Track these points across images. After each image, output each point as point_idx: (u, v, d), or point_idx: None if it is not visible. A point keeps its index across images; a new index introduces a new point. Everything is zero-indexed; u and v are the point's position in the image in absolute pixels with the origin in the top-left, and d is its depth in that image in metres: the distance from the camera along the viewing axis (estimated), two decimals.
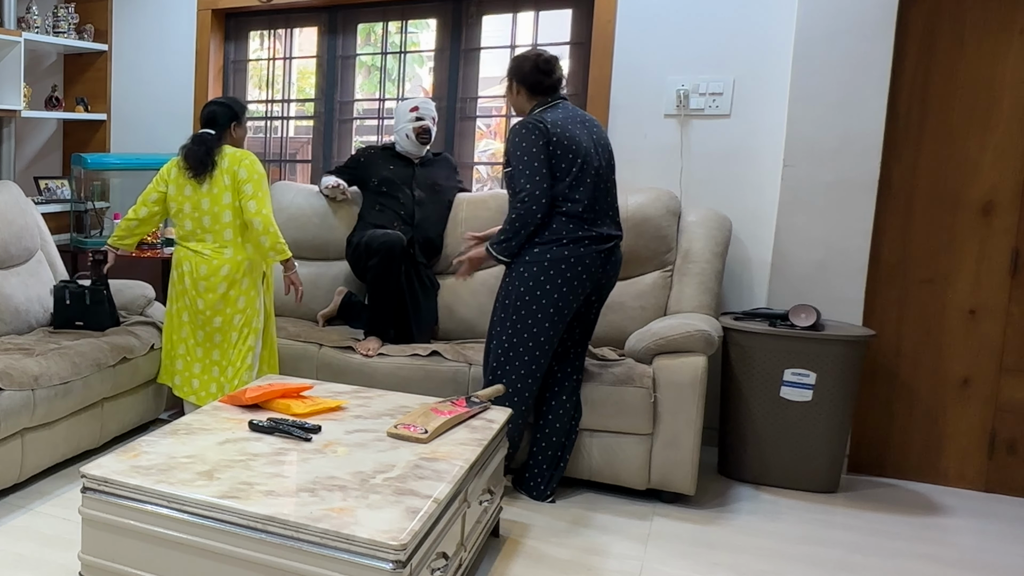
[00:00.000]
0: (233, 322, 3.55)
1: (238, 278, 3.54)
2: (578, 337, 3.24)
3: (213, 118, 3.66)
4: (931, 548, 2.99)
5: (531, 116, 3.14)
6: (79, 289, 3.87)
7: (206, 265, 3.54)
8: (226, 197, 3.52)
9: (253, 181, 3.50)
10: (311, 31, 4.86)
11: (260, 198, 3.48)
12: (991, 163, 3.43)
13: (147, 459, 2.32)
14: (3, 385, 3.05)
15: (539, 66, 3.17)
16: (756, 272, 3.82)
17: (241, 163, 3.52)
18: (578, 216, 3.07)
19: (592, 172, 3.10)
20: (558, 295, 3.07)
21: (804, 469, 3.42)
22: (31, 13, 4.75)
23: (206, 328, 3.58)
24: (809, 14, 3.52)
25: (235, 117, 3.68)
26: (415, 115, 3.96)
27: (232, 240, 3.55)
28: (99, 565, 2.24)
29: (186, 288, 3.60)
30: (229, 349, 3.56)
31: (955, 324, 3.51)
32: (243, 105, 3.81)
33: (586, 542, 2.96)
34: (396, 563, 1.90)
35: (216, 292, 3.53)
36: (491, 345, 3.21)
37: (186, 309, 3.63)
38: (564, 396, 3.22)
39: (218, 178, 3.52)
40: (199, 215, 3.57)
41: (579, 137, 3.11)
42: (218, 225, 3.54)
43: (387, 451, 2.44)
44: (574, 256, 3.06)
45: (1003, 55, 3.39)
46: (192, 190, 3.58)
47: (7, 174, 4.71)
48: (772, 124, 3.69)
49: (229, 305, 3.54)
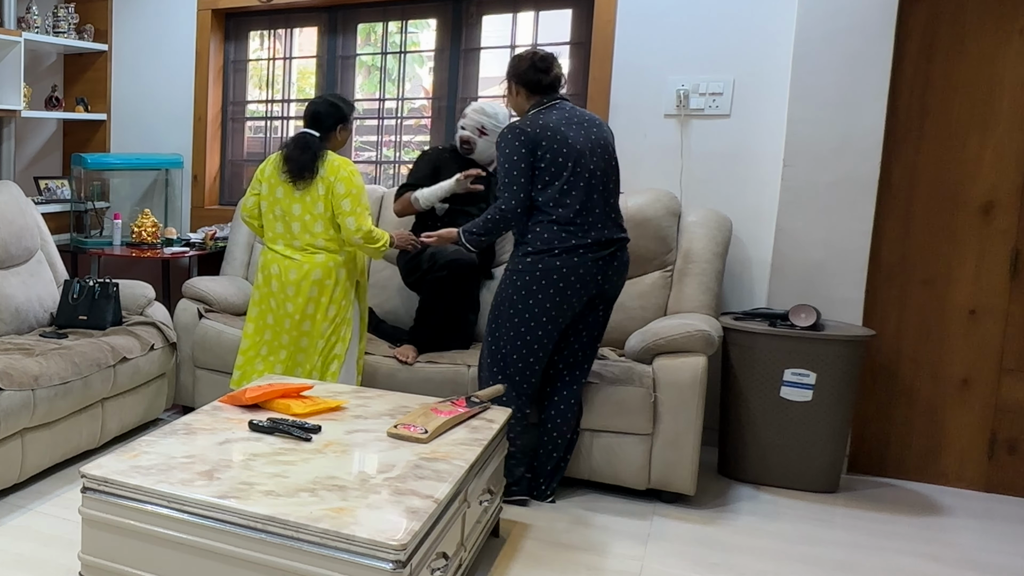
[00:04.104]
0: (321, 329, 3.41)
1: (329, 284, 3.39)
2: (586, 341, 3.19)
3: (318, 118, 3.46)
4: (931, 548, 2.99)
5: (519, 120, 3.12)
6: (90, 284, 3.89)
7: (296, 270, 3.40)
8: (319, 207, 3.37)
9: (351, 196, 3.32)
10: (311, 31, 4.86)
11: (359, 214, 3.32)
12: (991, 163, 3.43)
13: (147, 459, 2.32)
14: (3, 385, 3.05)
15: (535, 64, 3.12)
16: (756, 272, 3.82)
17: (339, 175, 3.34)
18: (570, 222, 3.02)
19: (585, 175, 3.04)
20: (550, 304, 3.03)
21: (804, 469, 3.42)
22: (31, 13, 4.75)
23: (292, 333, 3.43)
24: (809, 14, 3.52)
25: (343, 119, 3.48)
26: (460, 124, 3.82)
27: (324, 248, 3.40)
28: (99, 565, 2.23)
29: (272, 291, 3.46)
30: (315, 355, 3.43)
31: (955, 324, 3.51)
32: (351, 104, 3.59)
33: (586, 542, 2.95)
34: (396, 563, 1.90)
35: (306, 296, 3.39)
36: (484, 352, 3.20)
37: (271, 312, 3.48)
38: (569, 397, 3.21)
39: (314, 186, 3.36)
40: (290, 220, 3.43)
41: (572, 140, 3.05)
42: (308, 234, 3.40)
43: (387, 451, 2.44)
44: (567, 266, 3.01)
45: (1003, 55, 3.39)
46: (284, 193, 3.43)
47: (7, 174, 4.71)
48: (772, 124, 3.68)
49: (320, 311, 3.40)
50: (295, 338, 3.44)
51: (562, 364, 3.21)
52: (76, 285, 3.92)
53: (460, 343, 3.75)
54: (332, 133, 3.47)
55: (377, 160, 4.91)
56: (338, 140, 3.51)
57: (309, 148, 3.39)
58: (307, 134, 3.45)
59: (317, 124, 3.45)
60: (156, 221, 4.76)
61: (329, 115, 3.46)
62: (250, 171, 5.13)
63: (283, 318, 3.45)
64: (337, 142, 3.51)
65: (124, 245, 4.72)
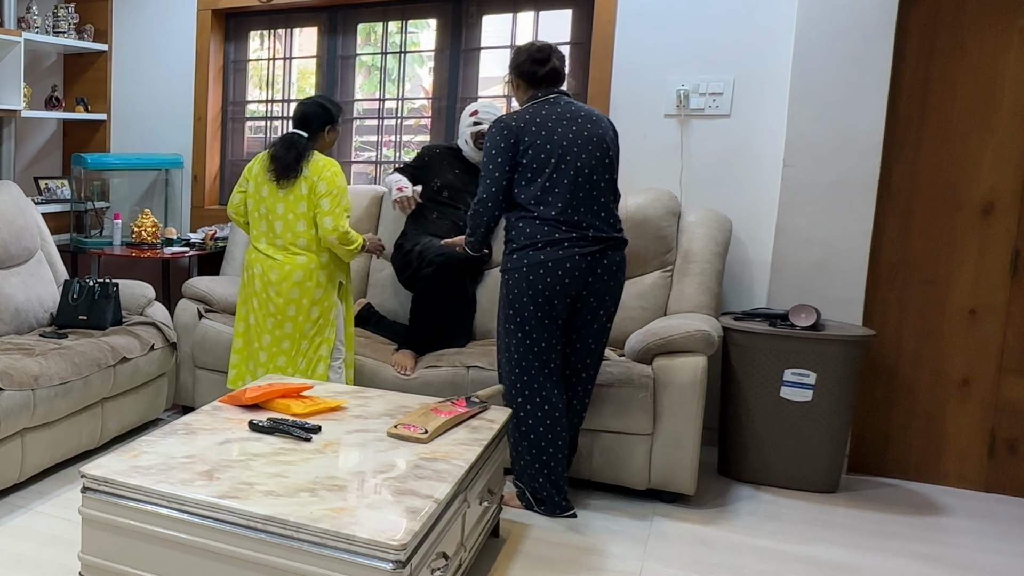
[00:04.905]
0: (304, 330, 3.41)
1: (310, 286, 3.40)
2: (593, 348, 3.11)
3: (306, 120, 3.48)
4: (931, 548, 2.99)
5: (508, 114, 3.12)
6: (90, 284, 3.89)
7: (277, 270, 3.42)
8: (301, 206, 3.39)
9: (331, 196, 3.35)
10: (311, 31, 4.86)
11: (337, 214, 3.34)
12: (991, 163, 3.43)
13: (147, 459, 2.32)
14: (3, 385, 3.05)
15: (532, 56, 3.08)
16: (756, 272, 3.82)
17: (321, 175, 3.37)
18: (553, 220, 2.97)
19: (570, 173, 2.97)
20: (542, 299, 2.98)
21: (804, 469, 3.42)
22: (31, 13, 4.75)
23: (274, 333, 3.45)
24: (809, 14, 3.52)
25: (330, 120, 3.50)
26: (473, 120, 3.82)
27: (306, 248, 3.42)
28: (99, 565, 2.24)
29: (256, 291, 3.48)
30: (299, 357, 3.43)
31: (955, 324, 3.51)
32: (339, 107, 3.61)
33: (586, 542, 2.95)
34: (396, 563, 1.90)
35: (287, 297, 3.40)
36: (501, 361, 3.13)
37: (253, 312, 3.51)
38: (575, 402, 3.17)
39: (297, 185, 3.39)
40: (272, 219, 3.45)
41: (559, 136, 2.99)
42: (290, 233, 3.42)
43: (387, 451, 2.44)
44: (552, 259, 2.96)
45: (1003, 55, 3.39)
46: (269, 192, 3.45)
47: (7, 174, 4.71)
48: (772, 124, 3.69)
49: (301, 313, 3.40)
50: (277, 339, 3.45)
51: (569, 371, 3.14)
52: (76, 285, 3.92)
53: (456, 341, 3.75)
54: (320, 134, 3.50)
55: (377, 160, 4.91)
56: (326, 141, 3.54)
57: (295, 147, 3.41)
58: (295, 134, 3.48)
59: (305, 125, 3.49)
60: (156, 221, 4.76)
61: (317, 116, 3.49)
62: None
63: (265, 317, 3.47)
64: (325, 143, 3.54)
65: (124, 245, 4.72)
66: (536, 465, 3.07)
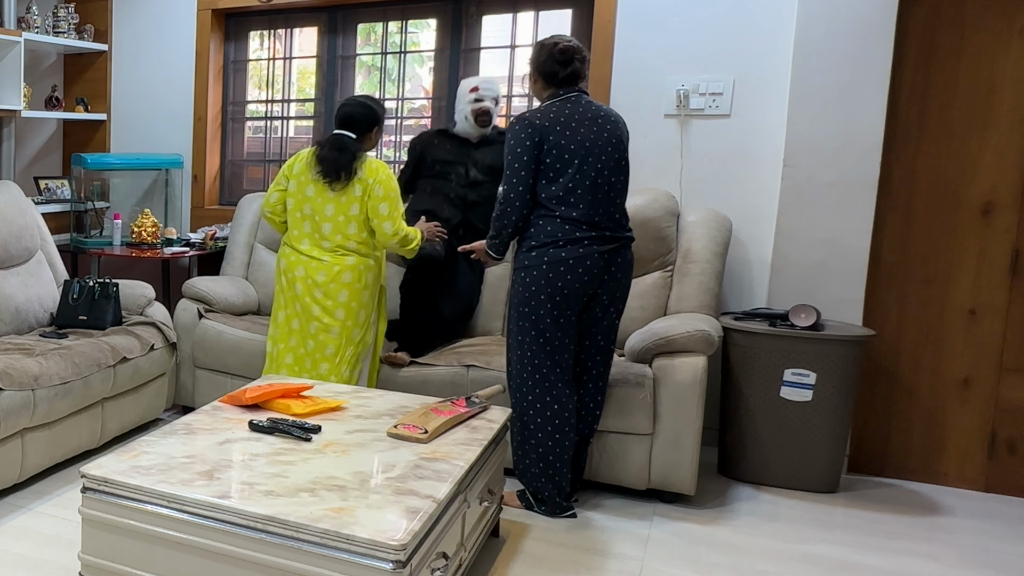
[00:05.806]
0: (352, 334, 3.38)
1: (358, 288, 3.36)
2: (602, 345, 3.12)
3: (352, 121, 3.42)
4: (931, 548, 2.99)
5: (530, 111, 3.10)
6: (90, 284, 3.89)
7: (325, 272, 3.35)
8: (354, 208, 3.33)
9: (389, 200, 3.30)
10: (311, 31, 4.86)
11: (395, 218, 3.30)
12: (991, 163, 3.43)
13: (147, 459, 2.32)
14: (3, 385, 3.05)
15: (554, 56, 3.06)
16: (756, 272, 3.82)
17: (377, 178, 3.32)
18: (574, 220, 2.98)
19: (592, 174, 3.00)
20: (560, 297, 2.99)
21: (804, 469, 3.42)
22: (31, 13, 4.75)
23: (319, 337, 3.37)
24: (809, 14, 3.52)
25: (376, 122, 3.45)
26: (474, 96, 3.72)
27: (355, 250, 3.37)
28: (99, 565, 2.24)
29: (297, 294, 3.40)
30: (343, 364, 3.39)
31: (955, 324, 3.51)
32: (384, 107, 3.57)
33: (586, 542, 2.95)
34: (396, 563, 1.90)
35: (336, 299, 3.35)
36: (512, 359, 3.12)
37: (296, 316, 3.42)
38: (588, 401, 3.17)
39: (351, 187, 3.32)
40: (320, 220, 3.38)
41: (582, 136, 3.01)
42: (340, 235, 3.36)
43: (387, 451, 2.44)
44: (573, 257, 2.98)
45: (1003, 55, 3.39)
46: (316, 192, 3.38)
47: (7, 174, 4.71)
48: (772, 124, 3.69)
49: (350, 316, 3.36)
50: (322, 343, 3.38)
51: (579, 369, 3.14)
52: (76, 285, 3.92)
53: (447, 338, 3.76)
54: (367, 135, 3.45)
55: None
56: (372, 142, 3.50)
57: (347, 149, 3.36)
58: (344, 135, 3.41)
59: (352, 126, 3.42)
60: (156, 221, 4.76)
61: (364, 117, 3.44)
62: (250, 171, 5.15)
63: (309, 320, 3.39)
64: (371, 143, 3.50)
65: (124, 245, 4.72)
66: (540, 465, 3.07)
